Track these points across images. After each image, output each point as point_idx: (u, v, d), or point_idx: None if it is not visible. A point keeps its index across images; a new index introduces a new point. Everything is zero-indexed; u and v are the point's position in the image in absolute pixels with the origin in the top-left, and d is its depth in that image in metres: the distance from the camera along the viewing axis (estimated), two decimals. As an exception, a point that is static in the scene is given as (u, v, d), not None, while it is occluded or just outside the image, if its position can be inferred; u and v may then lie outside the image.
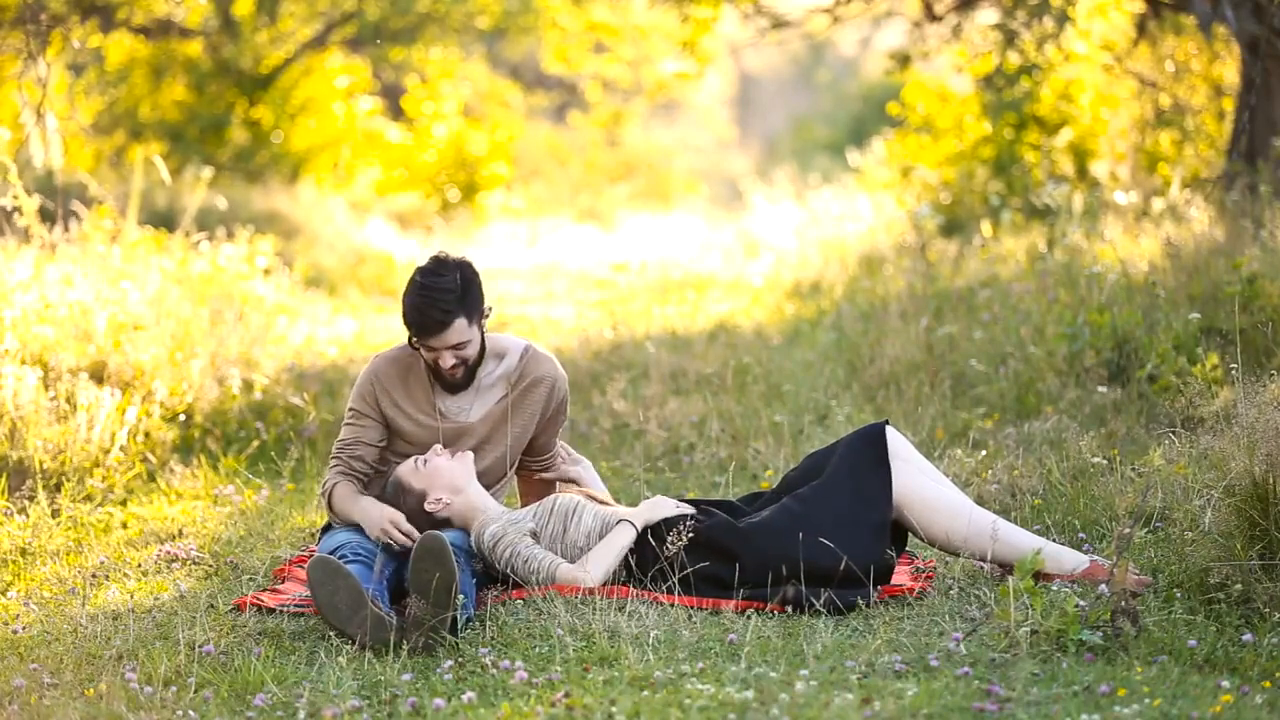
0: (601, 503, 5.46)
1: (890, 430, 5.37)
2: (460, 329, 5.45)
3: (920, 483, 5.29)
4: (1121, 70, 12.85)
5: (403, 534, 5.35)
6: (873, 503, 5.23)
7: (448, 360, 5.51)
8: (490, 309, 5.59)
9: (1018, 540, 5.21)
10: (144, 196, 12.86)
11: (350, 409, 5.65)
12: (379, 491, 5.56)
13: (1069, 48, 12.52)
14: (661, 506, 5.33)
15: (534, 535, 5.33)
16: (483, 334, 5.57)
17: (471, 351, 5.53)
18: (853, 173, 17.90)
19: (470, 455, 5.50)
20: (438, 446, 5.50)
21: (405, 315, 5.48)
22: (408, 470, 5.43)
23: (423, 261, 5.55)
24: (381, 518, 5.41)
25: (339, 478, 5.60)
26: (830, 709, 4.21)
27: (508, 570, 5.28)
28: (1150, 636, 4.66)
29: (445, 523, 5.42)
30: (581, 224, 19.77)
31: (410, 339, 5.54)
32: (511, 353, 5.70)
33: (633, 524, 5.28)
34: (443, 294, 5.41)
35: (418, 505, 5.39)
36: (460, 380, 5.57)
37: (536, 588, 5.22)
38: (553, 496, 5.44)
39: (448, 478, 5.42)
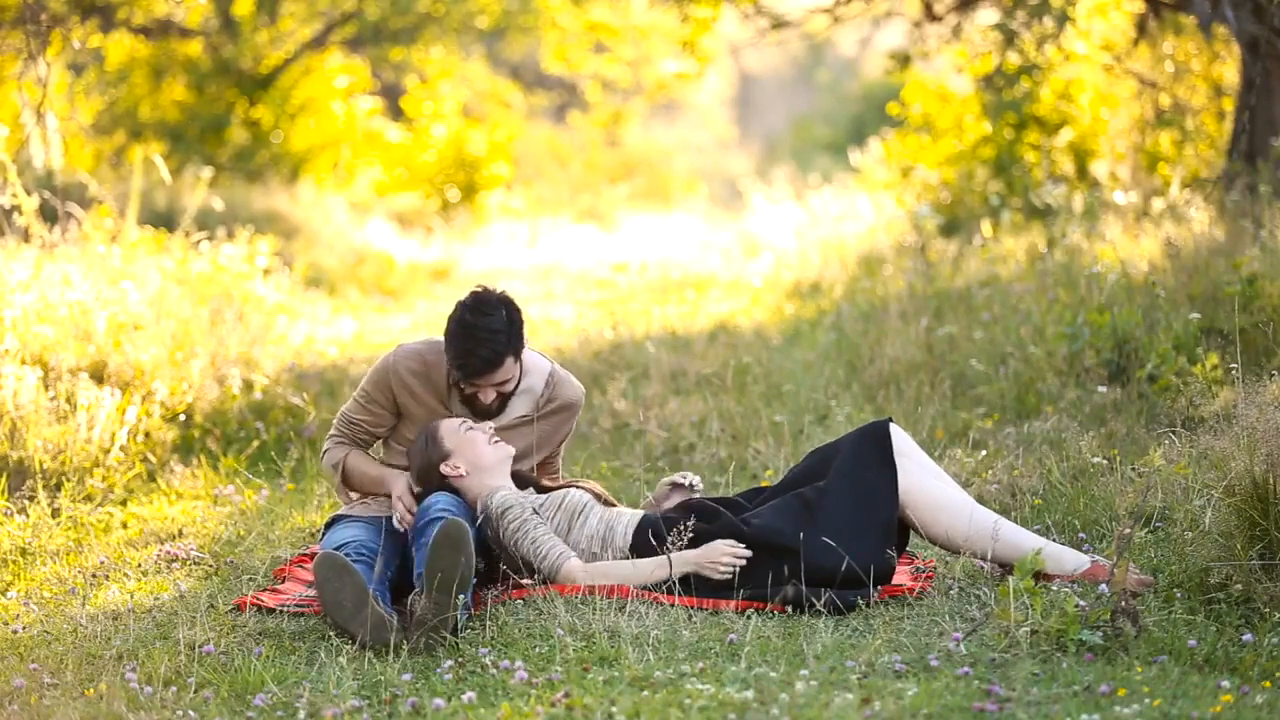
0: (608, 503, 5.45)
1: (894, 428, 5.36)
2: (508, 368, 5.44)
3: (924, 481, 5.29)
4: (1121, 70, 12.85)
5: (405, 510, 5.40)
6: (878, 504, 5.23)
7: (489, 395, 5.50)
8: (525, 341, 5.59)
9: (1019, 540, 5.21)
10: (144, 196, 12.85)
11: (364, 391, 5.63)
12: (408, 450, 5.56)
13: (1069, 48, 12.51)
14: (715, 554, 5.20)
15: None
16: (520, 365, 5.56)
17: (511, 385, 5.53)
18: (852, 173, 17.89)
19: (510, 450, 5.48)
20: (488, 425, 5.49)
21: (453, 358, 5.40)
22: (449, 428, 5.41)
23: (462, 295, 5.50)
24: (401, 489, 5.43)
25: (348, 446, 5.61)
26: (830, 709, 4.21)
27: (510, 543, 5.25)
28: (1150, 636, 4.66)
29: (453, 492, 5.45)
30: (581, 224, 19.76)
31: (452, 378, 5.50)
32: (535, 373, 5.67)
33: (669, 565, 5.20)
34: (492, 335, 5.36)
35: (438, 460, 5.39)
36: (494, 410, 5.56)
37: (534, 577, 5.22)
38: (563, 492, 5.41)
39: (477, 453, 5.40)
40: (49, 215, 9.24)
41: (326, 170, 18.05)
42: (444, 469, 5.38)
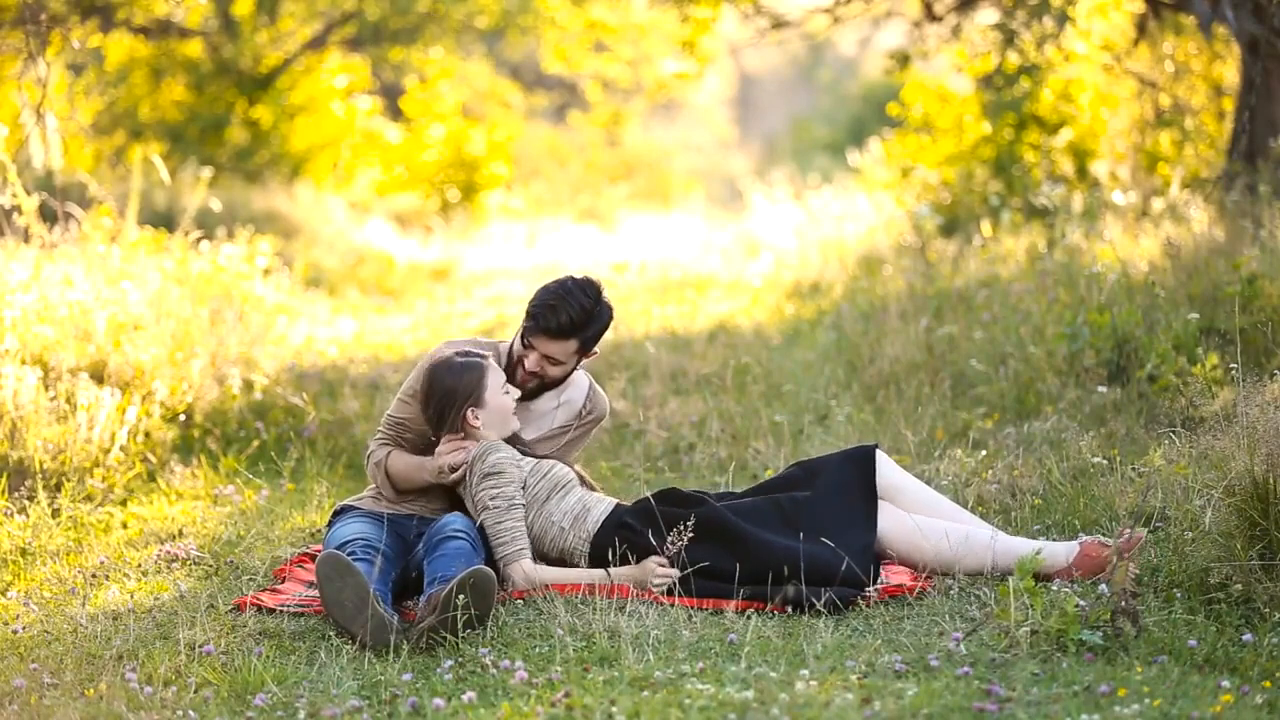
0: (589, 486, 5.48)
1: (880, 457, 5.39)
2: (568, 349, 5.54)
3: (902, 528, 5.31)
4: (1121, 70, 12.85)
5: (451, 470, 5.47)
6: (858, 532, 5.27)
7: (533, 364, 5.57)
8: (595, 353, 5.67)
9: (1012, 550, 5.24)
10: (144, 196, 12.86)
11: (408, 386, 5.67)
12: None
13: (1069, 48, 12.51)
14: (648, 573, 5.26)
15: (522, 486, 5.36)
16: (573, 371, 5.66)
17: (555, 375, 5.61)
18: (852, 173, 17.88)
19: (518, 424, 5.54)
20: (516, 393, 5.52)
21: (534, 304, 5.52)
22: (495, 382, 5.46)
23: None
24: (440, 448, 5.48)
25: (391, 446, 5.65)
26: (830, 709, 4.21)
27: (475, 503, 5.32)
28: (1150, 636, 4.66)
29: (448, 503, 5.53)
30: (581, 224, 19.76)
31: (523, 334, 5.57)
32: (577, 387, 5.77)
33: (609, 576, 5.26)
34: (582, 310, 5.50)
35: (470, 403, 5.42)
36: (526, 389, 5.61)
37: (502, 561, 5.27)
38: (550, 462, 5.46)
39: (502, 420, 5.47)
40: (49, 215, 9.24)
41: (326, 170, 18.06)
42: (469, 415, 5.42)
